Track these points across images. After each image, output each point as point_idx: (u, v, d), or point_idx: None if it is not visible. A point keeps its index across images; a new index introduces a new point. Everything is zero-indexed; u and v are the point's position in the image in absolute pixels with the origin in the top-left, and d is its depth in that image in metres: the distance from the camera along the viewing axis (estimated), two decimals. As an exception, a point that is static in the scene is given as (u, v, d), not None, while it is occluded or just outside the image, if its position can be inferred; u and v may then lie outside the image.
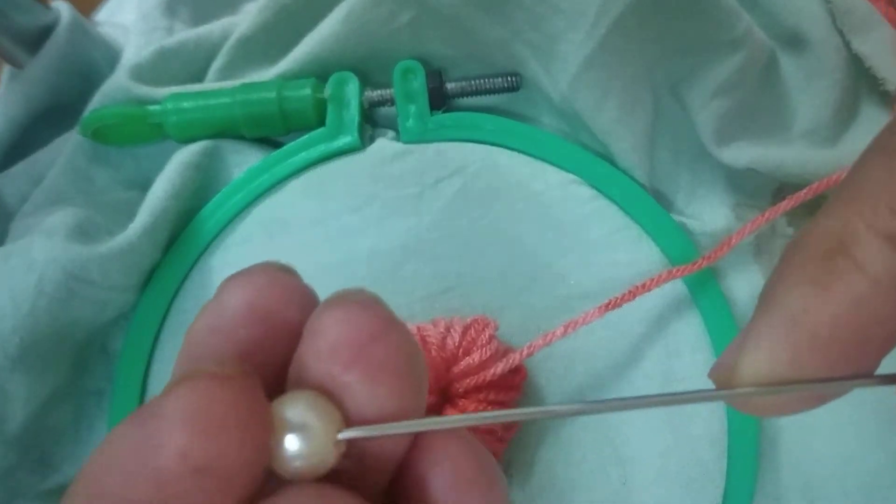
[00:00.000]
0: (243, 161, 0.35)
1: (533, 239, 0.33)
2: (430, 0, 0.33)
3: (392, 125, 0.36)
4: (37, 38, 0.37)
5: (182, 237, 0.33)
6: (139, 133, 0.35)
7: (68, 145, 0.36)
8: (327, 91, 0.34)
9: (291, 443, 0.15)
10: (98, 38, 0.41)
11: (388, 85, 0.35)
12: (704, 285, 0.32)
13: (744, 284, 0.34)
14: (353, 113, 0.34)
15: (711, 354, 0.32)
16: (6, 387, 0.30)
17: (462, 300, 0.32)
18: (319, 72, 0.35)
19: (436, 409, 0.29)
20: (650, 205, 0.33)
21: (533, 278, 0.32)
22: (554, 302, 0.32)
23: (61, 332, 0.31)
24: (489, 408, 0.29)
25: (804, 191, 0.32)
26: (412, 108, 0.34)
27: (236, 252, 0.33)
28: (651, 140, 0.35)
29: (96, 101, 0.35)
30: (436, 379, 0.29)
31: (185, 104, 0.34)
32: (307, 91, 0.34)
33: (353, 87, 0.34)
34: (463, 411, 0.28)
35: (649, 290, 0.30)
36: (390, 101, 0.35)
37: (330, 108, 0.34)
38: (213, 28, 0.37)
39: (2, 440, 0.30)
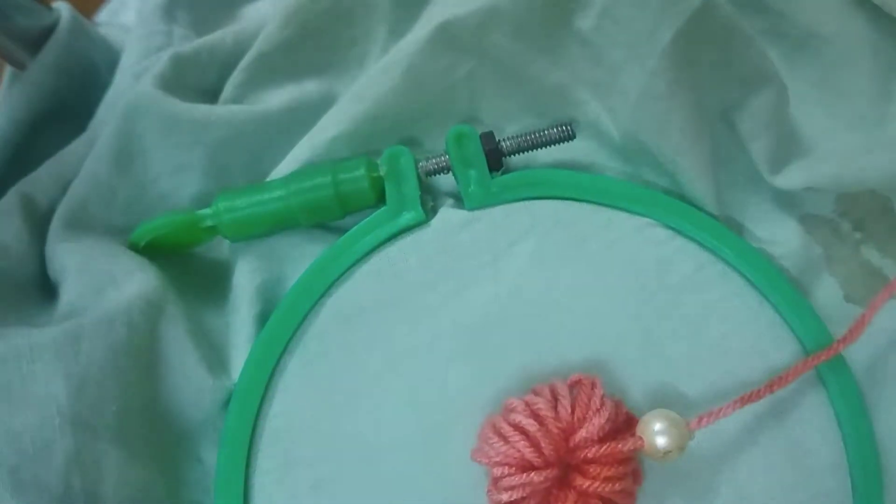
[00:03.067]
0: (304, 255, 0.33)
1: (617, 288, 0.32)
2: (490, 50, 0.32)
3: (451, 192, 0.35)
4: (38, 39, 0.37)
5: (258, 342, 0.32)
6: (191, 238, 0.34)
7: None
8: (382, 168, 0.33)
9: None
10: (99, 39, 0.41)
11: (438, 150, 0.34)
12: (834, 366, 0.32)
13: (820, 294, 0.34)
14: (412, 186, 0.33)
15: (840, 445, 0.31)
16: (101, 460, 0.29)
17: (558, 362, 0.31)
18: (369, 133, 0.34)
19: (561, 480, 0.28)
20: (729, 235, 0.33)
21: (624, 332, 0.32)
22: (649, 351, 0.31)
23: (152, 413, 0.30)
24: (616, 470, 0.28)
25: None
26: (472, 173, 0.33)
27: (315, 347, 0.32)
28: (714, 167, 0.34)
29: (123, 113, 0.34)
30: (556, 450, 0.28)
31: (238, 202, 0.33)
32: (362, 171, 0.33)
33: (407, 159, 0.33)
34: (593, 479, 0.27)
35: (788, 383, 0.29)
36: (446, 168, 0.34)
37: (388, 185, 0.33)
38: (224, 36, 0.37)
39: None
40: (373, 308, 0.32)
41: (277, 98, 0.35)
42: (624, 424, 0.29)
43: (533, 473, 0.27)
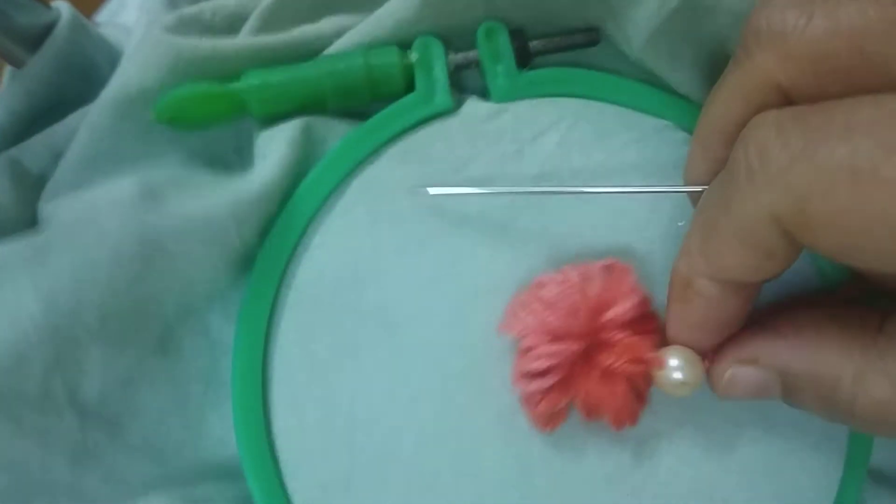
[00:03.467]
0: (335, 135, 0.34)
1: (638, 183, 0.33)
2: None
3: (477, 90, 0.36)
4: (37, 38, 0.37)
5: (282, 215, 0.32)
6: (218, 112, 0.34)
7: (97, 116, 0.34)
8: (413, 56, 0.34)
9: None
10: (98, 38, 0.40)
11: (471, 48, 0.35)
12: None
13: None
14: (441, 75, 0.34)
15: None
16: (83, 360, 0.28)
17: (582, 247, 0.32)
18: (397, 39, 0.34)
19: (585, 358, 0.29)
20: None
21: (645, 224, 0.33)
22: (668, 245, 0.33)
23: (144, 306, 0.30)
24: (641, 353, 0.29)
25: None
26: (500, 68, 0.34)
27: (340, 224, 0.32)
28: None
29: (136, 68, 0.33)
30: (584, 325, 0.29)
31: (272, 79, 0.33)
32: (394, 58, 0.33)
33: (437, 50, 0.34)
34: (619, 357, 0.28)
35: None
36: (475, 64, 0.34)
37: (418, 73, 0.34)
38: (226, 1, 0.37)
39: (76, 411, 0.29)
40: (399, 189, 0.33)
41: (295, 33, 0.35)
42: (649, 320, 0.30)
43: (561, 343, 0.28)
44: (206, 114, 0.34)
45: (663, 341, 0.29)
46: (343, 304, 0.32)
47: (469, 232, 0.32)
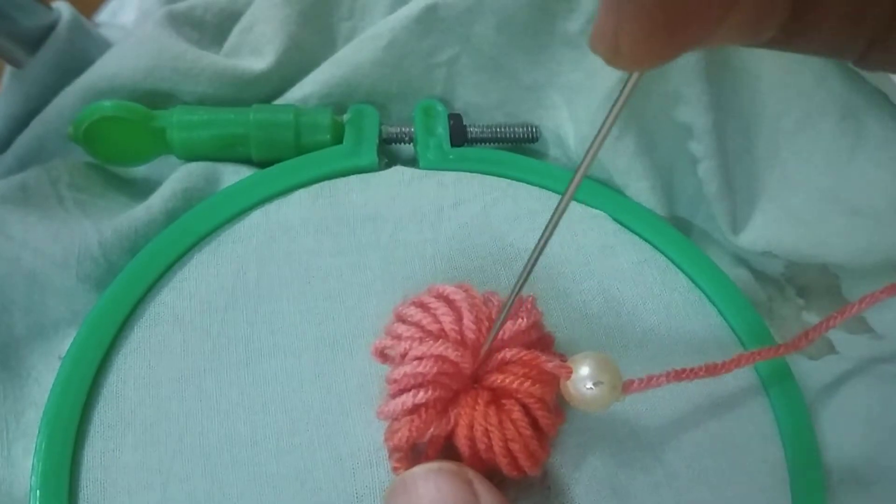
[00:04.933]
0: None
1: (557, 261, 0.31)
2: (475, 39, 0.34)
3: (408, 161, 0.35)
4: (37, 38, 0.36)
5: (161, 236, 0.30)
6: (138, 141, 0.33)
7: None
8: (346, 116, 0.33)
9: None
10: (98, 39, 0.40)
11: (406, 124, 0.34)
12: (777, 371, 0.30)
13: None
14: (371, 137, 0.33)
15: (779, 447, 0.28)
16: None
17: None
18: (341, 98, 0.34)
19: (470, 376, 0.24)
20: (676, 236, 0.32)
21: (556, 295, 0.30)
22: (585, 324, 0.29)
23: None
24: (537, 375, 0.24)
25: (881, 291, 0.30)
26: (432, 140, 0.34)
27: (228, 250, 0.30)
28: (671, 183, 0.34)
29: (115, 61, 0.33)
30: (471, 335, 0.24)
31: (195, 114, 0.33)
32: (326, 116, 0.33)
33: (372, 118, 0.34)
34: (512, 376, 0.24)
35: (726, 370, 0.26)
36: (408, 138, 0.34)
37: (348, 131, 0.33)
38: None
39: None
40: (303, 228, 0.30)
41: (266, 60, 0.36)
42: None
43: (441, 346, 0.24)
44: (123, 140, 0.33)
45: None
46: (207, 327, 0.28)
47: (372, 279, 0.29)
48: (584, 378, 0.23)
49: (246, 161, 0.33)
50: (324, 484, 0.25)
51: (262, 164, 0.33)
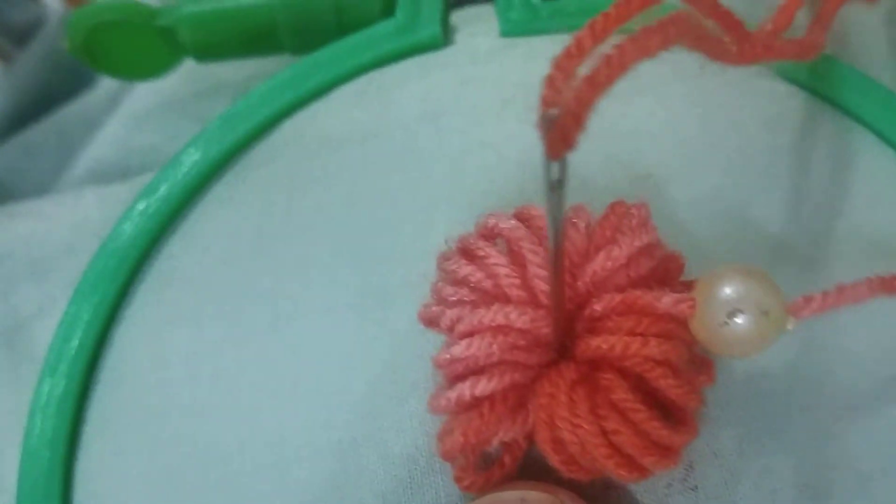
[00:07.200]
0: None
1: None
2: None
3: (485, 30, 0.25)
4: (26, 32, 0.37)
5: (164, 172, 0.23)
6: (147, 46, 0.26)
7: None
8: (397, -25, 0.25)
9: None
10: None
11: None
12: None
13: None
14: (433, 2, 0.24)
15: None
16: None
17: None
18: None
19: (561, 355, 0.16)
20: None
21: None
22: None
23: None
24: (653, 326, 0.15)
25: None
26: (516, -6, 0.24)
27: (252, 178, 0.22)
28: None
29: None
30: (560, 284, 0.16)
31: (207, 7, 0.25)
32: (372, -21, 0.25)
33: (433, -27, 0.25)
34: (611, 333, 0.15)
35: None
36: (483, -6, 0.25)
37: (402, -2, 0.25)
38: None
39: None
40: (341, 137, 0.23)
41: None
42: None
43: (511, 308, 0.15)
44: (127, 46, 0.26)
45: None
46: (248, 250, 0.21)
47: (423, 202, 0.21)
48: (720, 307, 0.14)
49: (278, 51, 0.26)
50: (369, 497, 0.18)
51: (302, 58, 0.25)
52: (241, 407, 0.19)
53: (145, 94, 0.32)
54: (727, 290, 0.14)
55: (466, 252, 0.16)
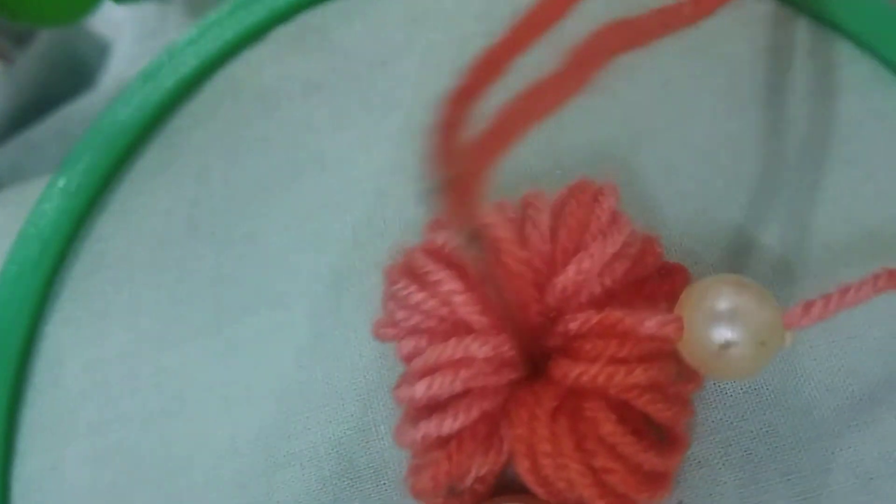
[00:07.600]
0: None
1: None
2: None
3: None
4: (26, 32, 0.36)
5: (83, 142, 0.20)
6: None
7: None
8: None
9: None
10: (88, 33, 0.39)
11: None
12: None
13: None
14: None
15: None
16: None
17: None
18: None
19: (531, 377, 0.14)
20: None
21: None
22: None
23: None
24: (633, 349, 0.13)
25: None
26: None
27: (183, 142, 0.20)
28: None
29: None
30: (524, 308, 0.14)
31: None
32: None
33: None
34: (591, 361, 0.13)
35: None
36: None
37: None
38: None
39: None
40: (281, 90, 0.20)
41: None
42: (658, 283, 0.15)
43: (470, 340, 0.13)
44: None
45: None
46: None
47: (388, 151, 0.19)
48: (711, 336, 0.13)
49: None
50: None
51: None
52: (187, 414, 0.17)
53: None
54: (718, 312, 0.12)
55: (415, 276, 0.14)
